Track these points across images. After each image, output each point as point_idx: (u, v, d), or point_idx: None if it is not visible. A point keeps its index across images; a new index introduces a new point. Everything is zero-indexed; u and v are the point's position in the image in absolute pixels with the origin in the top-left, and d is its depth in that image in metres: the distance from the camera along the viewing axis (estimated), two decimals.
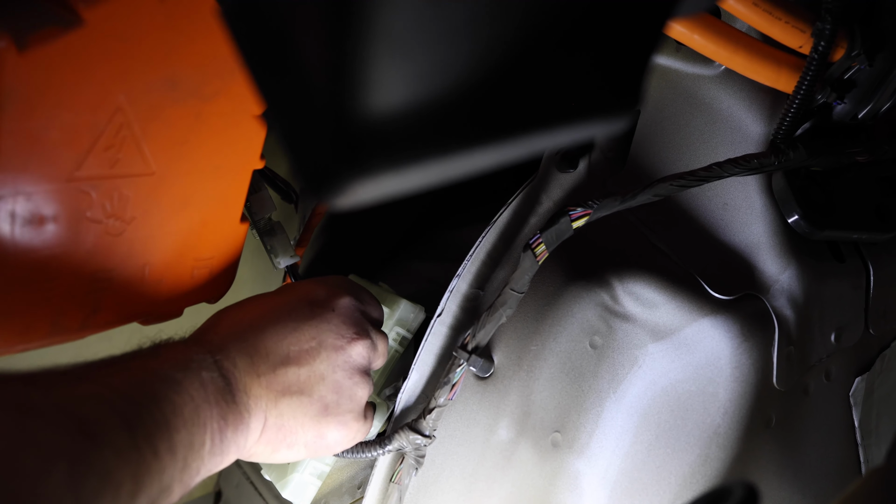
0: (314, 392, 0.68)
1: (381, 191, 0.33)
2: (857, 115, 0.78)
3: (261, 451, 0.67)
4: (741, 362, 0.72)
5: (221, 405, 0.60)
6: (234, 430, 0.61)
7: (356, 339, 0.70)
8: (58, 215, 0.59)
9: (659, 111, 0.81)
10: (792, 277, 0.76)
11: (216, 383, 0.60)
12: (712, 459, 0.73)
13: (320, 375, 0.68)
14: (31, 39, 0.52)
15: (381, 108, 0.30)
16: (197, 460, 0.57)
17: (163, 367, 0.58)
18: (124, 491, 0.49)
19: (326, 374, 0.68)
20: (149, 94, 0.60)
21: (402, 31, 0.28)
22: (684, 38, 0.70)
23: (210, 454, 0.58)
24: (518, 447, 0.78)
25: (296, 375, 0.67)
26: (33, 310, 0.61)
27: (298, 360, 0.67)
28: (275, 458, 0.69)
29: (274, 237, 0.82)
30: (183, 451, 0.55)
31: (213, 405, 0.59)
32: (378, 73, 0.29)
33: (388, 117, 0.30)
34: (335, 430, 0.70)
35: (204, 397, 0.58)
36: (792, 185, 0.76)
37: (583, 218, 0.71)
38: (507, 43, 0.32)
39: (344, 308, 0.71)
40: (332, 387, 0.69)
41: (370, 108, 0.30)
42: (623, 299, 0.75)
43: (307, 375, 0.67)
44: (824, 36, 0.68)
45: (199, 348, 0.63)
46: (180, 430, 0.55)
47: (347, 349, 0.70)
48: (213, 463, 0.60)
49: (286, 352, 0.67)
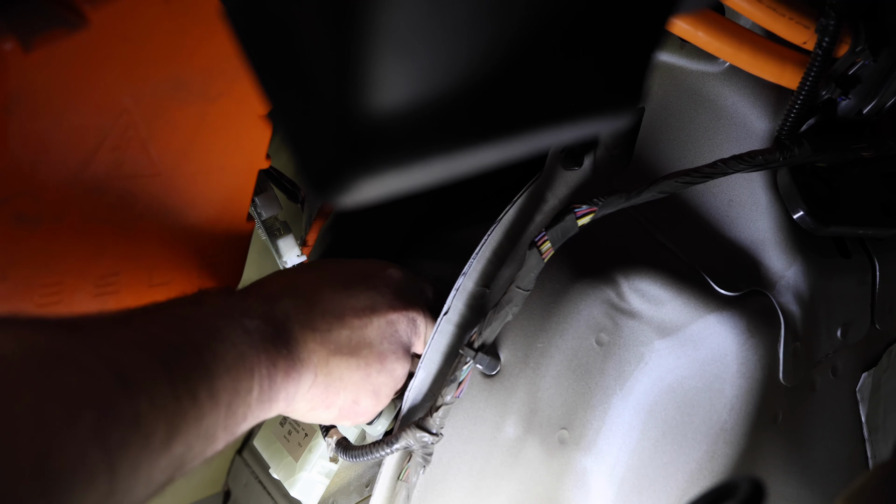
0: (361, 357, 0.69)
1: (385, 189, 0.33)
2: (862, 111, 0.78)
3: (301, 407, 0.67)
4: (747, 358, 0.72)
5: (271, 352, 0.60)
6: (284, 377, 0.61)
7: (406, 312, 0.72)
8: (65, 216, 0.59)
9: (663, 108, 0.81)
10: (797, 273, 0.76)
11: (262, 332, 0.60)
12: (719, 455, 0.73)
13: (369, 342, 0.69)
14: (38, 41, 0.53)
15: (384, 106, 0.30)
16: (243, 406, 0.57)
17: (204, 314, 0.58)
18: (157, 438, 0.48)
19: (375, 341, 0.70)
20: (154, 95, 0.60)
21: (405, 30, 0.28)
22: (688, 35, 0.70)
23: (258, 401, 0.58)
24: (525, 444, 0.78)
25: (348, 337, 0.68)
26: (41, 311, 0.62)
27: (352, 322, 0.68)
28: (308, 417, 0.70)
29: (280, 237, 0.82)
30: (227, 398, 0.54)
31: (262, 352, 0.59)
32: (381, 71, 0.29)
33: (392, 115, 0.30)
34: (369, 399, 0.71)
35: (250, 343, 0.58)
36: (797, 182, 0.76)
37: (588, 215, 0.71)
38: (510, 40, 0.32)
39: (397, 281, 0.75)
40: (377, 356, 0.70)
41: (374, 106, 0.30)
42: (629, 296, 0.75)
43: (358, 339, 0.68)
44: (828, 32, 0.68)
45: (247, 298, 0.64)
46: (223, 377, 0.54)
47: (396, 322, 0.71)
48: (260, 410, 0.59)
49: (342, 312, 0.68)
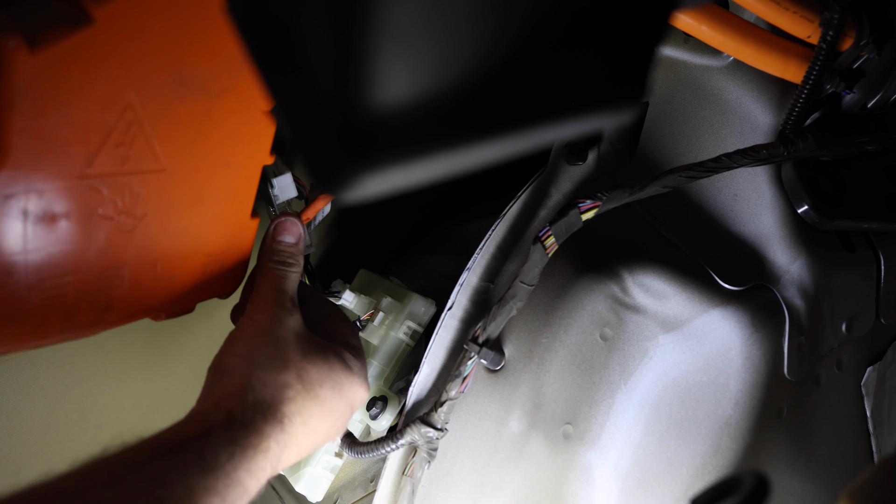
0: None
1: (388, 185, 0.34)
2: (867, 105, 0.78)
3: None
4: (752, 353, 0.72)
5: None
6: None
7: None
8: (69, 212, 0.59)
9: (668, 102, 0.81)
10: (802, 268, 0.76)
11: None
12: (724, 450, 0.73)
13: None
14: (42, 38, 0.53)
15: (387, 102, 0.30)
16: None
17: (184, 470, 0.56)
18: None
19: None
20: (158, 91, 0.60)
21: (406, 26, 0.28)
22: (692, 30, 0.70)
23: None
24: (529, 439, 0.78)
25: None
26: (46, 307, 0.62)
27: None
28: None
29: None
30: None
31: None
32: (383, 67, 0.29)
33: (395, 111, 0.31)
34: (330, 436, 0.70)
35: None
36: (801, 176, 0.76)
37: (592, 210, 0.71)
38: (512, 35, 0.32)
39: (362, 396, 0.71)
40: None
41: (376, 102, 0.30)
42: (633, 291, 0.75)
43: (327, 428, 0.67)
44: (832, 25, 0.68)
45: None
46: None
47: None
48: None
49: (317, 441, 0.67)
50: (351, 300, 0.85)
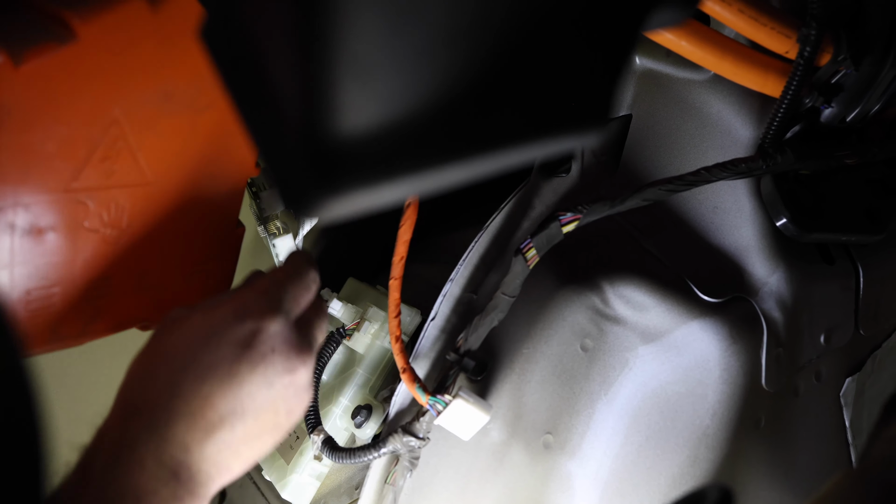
0: (267, 430, 0.59)
1: (356, 207, 0.34)
2: (846, 119, 0.79)
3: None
4: (730, 364, 0.73)
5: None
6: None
7: (303, 366, 0.59)
8: (56, 225, 0.60)
9: (650, 115, 0.82)
10: (781, 280, 0.77)
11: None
12: (701, 460, 0.74)
13: (273, 417, 0.59)
14: (27, 55, 0.54)
15: (350, 129, 0.31)
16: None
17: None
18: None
19: (278, 410, 0.59)
20: (143, 106, 0.61)
21: (363, 56, 0.29)
22: (672, 45, 0.71)
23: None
24: (510, 449, 0.79)
25: (251, 427, 0.57)
26: (33, 318, 0.63)
27: (250, 414, 0.57)
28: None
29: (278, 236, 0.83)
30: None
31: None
32: (344, 96, 0.30)
33: (359, 137, 0.31)
34: (271, 443, 0.60)
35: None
36: (780, 189, 0.77)
37: (573, 223, 0.72)
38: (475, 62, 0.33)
39: (279, 337, 0.58)
40: (284, 415, 0.59)
41: (340, 129, 0.31)
42: (613, 302, 0.76)
43: (261, 425, 0.58)
44: (810, 41, 0.69)
45: (135, 448, 0.54)
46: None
47: (297, 383, 0.59)
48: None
49: (241, 412, 0.56)
50: (338, 309, 0.86)
